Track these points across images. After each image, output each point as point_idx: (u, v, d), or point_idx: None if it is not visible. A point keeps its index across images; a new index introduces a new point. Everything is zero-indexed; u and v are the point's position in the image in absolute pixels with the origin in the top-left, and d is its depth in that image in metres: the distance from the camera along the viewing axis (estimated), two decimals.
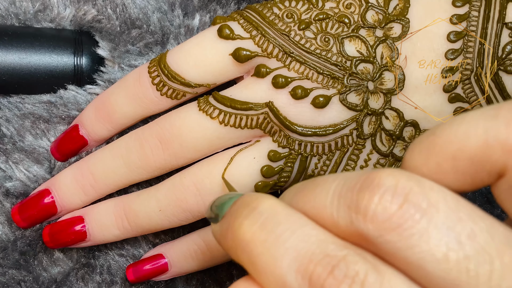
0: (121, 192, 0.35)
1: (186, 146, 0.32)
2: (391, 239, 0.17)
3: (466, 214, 0.18)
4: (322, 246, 0.18)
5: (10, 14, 0.35)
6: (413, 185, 0.18)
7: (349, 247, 0.18)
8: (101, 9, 0.35)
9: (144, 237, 0.36)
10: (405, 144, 0.32)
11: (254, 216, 0.20)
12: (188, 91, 0.32)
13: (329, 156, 0.32)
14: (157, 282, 0.36)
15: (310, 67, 0.31)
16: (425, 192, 0.18)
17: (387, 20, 0.31)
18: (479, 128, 0.18)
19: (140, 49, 0.36)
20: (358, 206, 0.18)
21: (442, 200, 0.18)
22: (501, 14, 0.31)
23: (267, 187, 0.32)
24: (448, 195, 0.18)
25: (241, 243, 0.19)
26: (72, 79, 0.35)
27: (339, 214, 0.19)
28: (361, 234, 0.18)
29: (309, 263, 0.18)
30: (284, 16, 0.32)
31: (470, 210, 0.18)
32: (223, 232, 0.21)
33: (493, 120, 0.18)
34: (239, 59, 0.31)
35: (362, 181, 0.19)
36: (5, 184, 0.34)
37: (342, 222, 0.19)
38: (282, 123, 0.31)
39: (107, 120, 0.34)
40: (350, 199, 0.18)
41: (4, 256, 0.34)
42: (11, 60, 0.34)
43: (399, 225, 0.17)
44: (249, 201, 0.20)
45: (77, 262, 0.35)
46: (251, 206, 0.20)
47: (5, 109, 0.35)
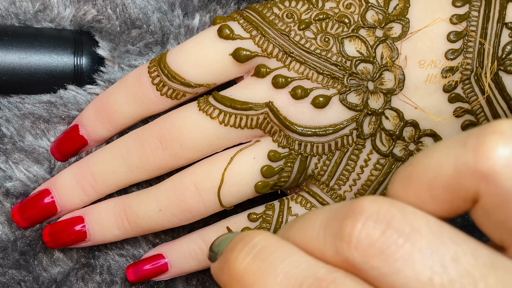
0: (121, 192, 0.35)
1: (186, 146, 0.32)
2: (376, 265, 0.18)
3: (449, 237, 0.18)
4: (312, 270, 0.19)
5: (10, 14, 0.35)
6: (396, 211, 0.18)
7: (339, 271, 0.19)
8: (101, 9, 0.35)
9: (144, 237, 0.36)
10: (405, 144, 0.32)
11: (248, 249, 0.20)
12: (188, 91, 0.32)
13: (329, 156, 0.32)
14: (157, 282, 0.36)
15: (310, 67, 0.31)
16: (408, 218, 0.18)
17: (387, 20, 0.31)
18: (450, 157, 0.18)
19: (140, 49, 0.36)
20: (342, 234, 0.18)
21: (425, 225, 0.18)
22: (501, 14, 0.31)
23: (267, 187, 0.32)
24: (430, 220, 0.18)
25: (236, 276, 0.20)
26: (72, 79, 0.35)
27: (325, 244, 0.19)
28: (347, 261, 0.18)
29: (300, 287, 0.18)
30: (284, 16, 0.32)
31: (453, 234, 0.18)
32: (220, 268, 0.21)
33: (462, 147, 0.18)
34: (239, 59, 0.31)
35: (345, 210, 0.19)
36: (5, 184, 0.34)
37: (329, 251, 0.19)
38: (282, 123, 0.31)
39: (107, 120, 0.34)
40: (335, 228, 0.19)
41: (4, 256, 0.34)
42: (11, 60, 0.34)
43: (383, 251, 0.18)
44: (244, 236, 0.21)
45: (77, 262, 0.35)
46: (246, 240, 0.21)
47: (5, 109, 0.35)
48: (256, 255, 0.20)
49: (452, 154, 0.18)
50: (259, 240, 0.20)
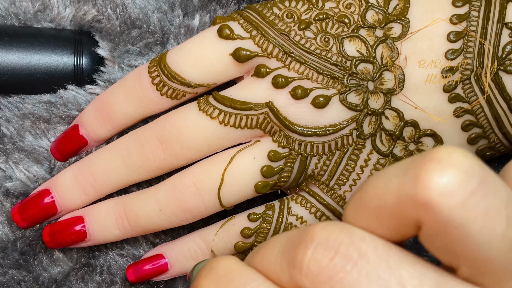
0: (121, 192, 0.35)
1: (186, 146, 0.32)
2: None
3: (395, 261, 0.18)
4: None
5: (10, 14, 0.35)
6: (344, 237, 0.19)
7: None
8: (101, 9, 0.35)
9: (144, 237, 0.36)
10: (405, 144, 0.32)
11: (211, 275, 0.21)
12: (188, 91, 0.32)
13: (329, 156, 0.32)
14: (157, 282, 0.36)
15: (310, 67, 0.31)
16: (356, 243, 0.18)
17: (387, 20, 0.31)
18: (393, 185, 0.18)
19: (140, 49, 0.36)
20: (294, 261, 0.19)
21: (372, 249, 0.18)
22: (501, 14, 0.31)
23: (267, 187, 0.32)
24: (378, 244, 0.19)
25: None
26: (72, 79, 0.35)
27: (281, 270, 0.20)
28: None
29: None
30: (284, 16, 0.32)
31: (400, 257, 0.18)
32: None
33: (403, 176, 0.18)
34: (239, 59, 0.31)
35: (299, 236, 0.19)
36: (5, 184, 0.34)
37: (284, 278, 0.20)
38: (282, 123, 0.31)
39: (107, 120, 0.34)
40: (289, 255, 0.19)
41: (4, 256, 0.34)
42: (11, 60, 0.34)
43: (331, 278, 0.18)
44: (210, 262, 0.22)
45: (77, 262, 0.35)
46: (210, 266, 0.21)
47: (5, 109, 0.35)
48: (219, 281, 0.20)
49: (394, 182, 0.18)
50: (222, 267, 0.21)
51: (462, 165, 0.17)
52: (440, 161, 0.17)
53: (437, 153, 0.18)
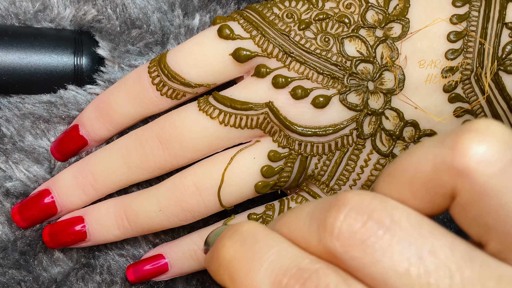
0: (121, 192, 0.35)
1: (186, 146, 0.32)
2: (356, 255, 0.18)
3: (428, 231, 0.18)
4: (297, 261, 0.19)
5: (10, 14, 0.35)
6: (377, 203, 0.19)
7: (322, 262, 0.19)
8: (101, 9, 0.35)
9: (144, 237, 0.36)
10: (405, 144, 0.32)
11: (235, 236, 0.21)
12: (188, 91, 0.32)
13: (329, 156, 0.32)
14: (157, 282, 0.36)
15: (310, 67, 0.31)
16: (389, 210, 0.19)
17: (387, 20, 0.31)
18: (429, 155, 0.19)
19: (140, 49, 0.36)
20: (325, 224, 0.19)
21: (405, 218, 0.18)
22: (501, 14, 0.31)
23: (267, 187, 0.32)
24: (411, 213, 0.19)
25: (223, 262, 0.21)
26: (72, 79, 0.35)
27: (310, 234, 0.20)
28: (329, 251, 0.19)
29: (283, 276, 0.19)
30: (284, 16, 0.32)
31: (432, 228, 0.18)
32: (210, 256, 0.22)
33: (440, 145, 0.18)
34: (239, 59, 0.31)
35: (330, 202, 0.19)
36: (5, 184, 0.34)
37: (312, 241, 0.20)
38: (282, 123, 0.31)
39: (107, 120, 0.34)
40: (319, 219, 0.19)
41: (4, 256, 0.34)
42: (11, 60, 0.34)
43: (363, 241, 0.18)
44: (234, 225, 0.22)
45: (77, 262, 0.35)
46: (234, 228, 0.21)
47: (5, 109, 0.35)
48: (243, 243, 0.20)
49: (431, 152, 0.19)
50: (247, 229, 0.21)
51: (500, 135, 0.18)
52: (479, 131, 0.18)
53: (476, 124, 0.18)
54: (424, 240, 0.18)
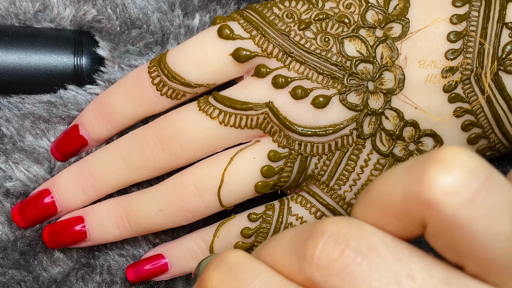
0: (121, 192, 0.35)
1: (186, 146, 0.32)
2: (336, 284, 0.18)
3: (404, 255, 0.18)
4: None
5: (10, 14, 0.35)
6: (354, 230, 0.19)
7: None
8: (101, 9, 0.35)
9: (144, 237, 0.36)
10: (405, 144, 0.32)
11: (220, 267, 0.21)
12: (188, 91, 0.32)
13: (329, 156, 0.32)
14: (157, 282, 0.36)
15: (310, 67, 0.31)
16: (366, 237, 0.19)
17: (387, 20, 0.31)
18: (399, 185, 0.19)
19: (140, 49, 0.36)
20: (304, 254, 0.19)
21: (381, 243, 0.19)
22: (501, 14, 0.31)
23: (267, 187, 0.32)
24: (387, 238, 0.19)
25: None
26: (72, 79, 0.35)
27: (291, 264, 0.20)
28: (310, 281, 0.19)
29: None
30: (284, 16, 0.32)
31: (409, 251, 0.19)
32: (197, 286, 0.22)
33: (408, 176, 0.18)
34: (239, 59, 0.31)
35: (309, 230, 0.20)
36: (5, 184, 0.34)
37: (294, 271, 0.20)
38: (282, 123, 0.31)
39: (107, 120, 0.34)
40: (299, 249, 0.20)
41: (4, 256, 0.34)
42: (11, 60, 0.34)
43: (341, 270, 0.18)
44: (219, 255, 0.22)
45: (77, 262, 0.35)
46: (220, 258, 0.21)
47: (5, 109, 0.35)
48: (228, 273, 0.21)
49: (400, 182, 0.19)
50: (231, 259, 0.21)
51: (466, 165, 0.18)
52: (444, 161, 0.18)
53: (441, 154, 0.18)
54: (402, 264, 0.18)
